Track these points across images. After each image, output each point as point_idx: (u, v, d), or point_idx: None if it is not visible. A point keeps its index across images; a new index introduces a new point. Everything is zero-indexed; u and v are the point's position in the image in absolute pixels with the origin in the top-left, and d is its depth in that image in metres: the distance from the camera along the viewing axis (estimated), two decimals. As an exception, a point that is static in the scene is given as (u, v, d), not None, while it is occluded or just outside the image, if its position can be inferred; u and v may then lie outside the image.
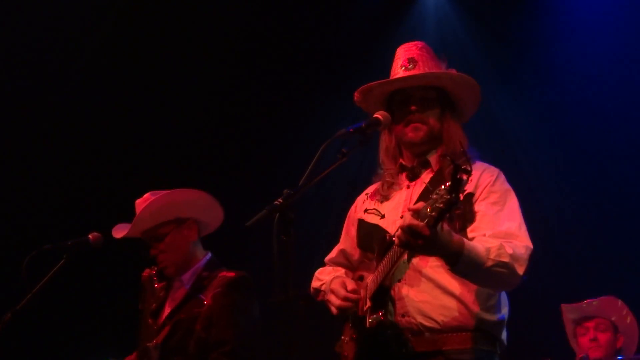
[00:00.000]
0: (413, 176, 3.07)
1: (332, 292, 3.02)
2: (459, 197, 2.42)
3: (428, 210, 2.46)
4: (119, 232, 4.02)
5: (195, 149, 6.56)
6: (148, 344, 3.63)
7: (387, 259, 2.79)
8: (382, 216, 3.06)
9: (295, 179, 2.66)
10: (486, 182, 2.92)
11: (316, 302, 3.61)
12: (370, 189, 3.24)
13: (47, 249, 3.90)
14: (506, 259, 2.67)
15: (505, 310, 2.93)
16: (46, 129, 6.19)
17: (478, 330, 2.83)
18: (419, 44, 3.14)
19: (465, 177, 2.40)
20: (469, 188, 2.85)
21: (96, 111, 6.33)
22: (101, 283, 6.28)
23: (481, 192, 2.90)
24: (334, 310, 3.01)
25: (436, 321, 2.82)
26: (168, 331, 3.78)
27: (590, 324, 4.76)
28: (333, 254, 3.36)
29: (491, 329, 2.87)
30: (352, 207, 3.31)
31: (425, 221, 2.46)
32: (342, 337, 3.03)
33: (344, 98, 6.50)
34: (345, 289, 2.97)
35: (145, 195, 4.00)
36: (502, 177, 2.97)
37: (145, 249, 3.99)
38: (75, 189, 6.42)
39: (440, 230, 2.54)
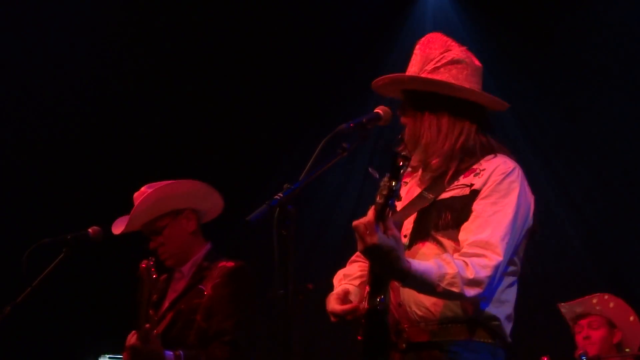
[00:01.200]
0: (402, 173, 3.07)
1: (334, 314, 2.96)
2: (399, 185, 2.53)
3: (377, 198, 2.55)
4: (118, 227, 4.02)
5: (197, 143, 6.56)
6: (147, 326, 3.63)
7: None
8: (399, 199, 3.06)
9: (296, 173, 2.66)
10: (494, 180, 2.87)
11: (316, 297, 3.60)
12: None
13: (46, 243, 3.91)
14: (456, 290, 2.65)
15: (507, 303, 2.88)
16: (45, 122, 6.19)
17: (474, 322, 2.80)
18: (422, 40, 3.08)
19: (402, 163, 2.51)
20: (477, 184, 2.86)
21: (96, 104, 6.33)
22: (101, 277, 6.28)
23: (486, 190, 2.86)
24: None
25: (431, 311, 2.80)
26: (168, 322, 3.80)
27: (584, 322, 4.78)
28: None
29: (488, 322, 2.83)
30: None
31: (377, 209, 2.54)
32: (362, 321, 2.96)
33: (344, 92, 6.54)
34: (341, 302, 2.94)
35: (142, 189, 4.01)
36: (516, 174, 2.89)
37: (145, 241, 4.00)
38: (75, 182, 6.42)
39: (390, 244, 2.55)
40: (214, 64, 6.58)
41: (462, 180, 2.91)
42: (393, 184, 2.51)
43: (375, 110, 2.94)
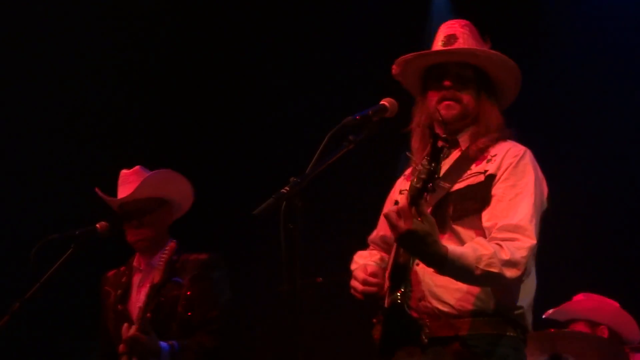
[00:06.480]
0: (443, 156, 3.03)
1: (354, 277, 2.96)
2: (439, 167, 2.47)
3: (414, 181, 2.50)
4: (123, 191, 4.04)
5: (202, 137, 6.55)
6: (148, 315, 3.71)
7: None
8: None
9: (302, 167, 2.65)
10: (508, 163, 2.87)
11: (324, 291, 3.59)
12: (408, 170, 3.18)
13: (54, 239, 3.92)
14: (495, 270, 2.63)
15: (528, 294, 2.86)
16: (51, 119, 6.19)
17: (497, 315, 2.79)
18: (462, 21, 3.09)
19: (442, 145, 2.45)
20: (491, 169, 2.86)
21: (99, 100, 6.33)
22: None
23: (502, 173, 2.85)
24: (357, 295, 2.95)
25: (452, 306, 2.78)
26: (150, 314, 3.80)
27: (572, 327, 4.73)
28: (373, 234, 3.29)
29: (511, 313, 2.81)
30: (392, 190, 3.25)
31: (413, 194, 2.49)
32: (374, 320, 2.96)
33: (350, 85, 6.51)
34: (365, 272, 2.91)
35: (135, 167, 4.06)
36: (528, 156, 2.91)
37: (120, 220, 4.04)
38: (83, 178, 6.42)
39: (425, 228, 2.53)
40: (219, 56, 6.57)
41: (475, 168, 2.90)
42: (433, 166, 2.45)
43: (381, 102, 2.91)
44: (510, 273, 2.65)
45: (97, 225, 4.03)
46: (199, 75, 6.58)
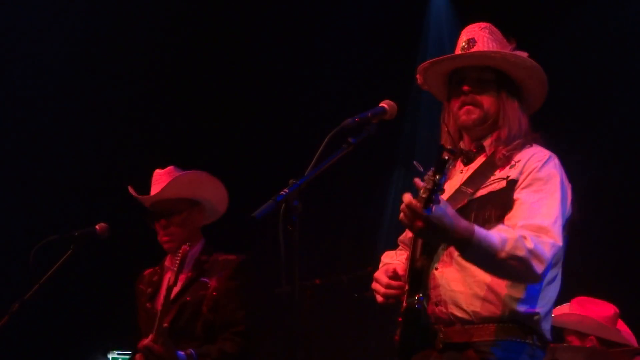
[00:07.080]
0: (467, 160, 2.99)
1: (376, 280, 2.94)
2: (444, 180, 2.43)
3: (421, 192, 2.47)
4: (154, 190, 4.05)
5: (202, 138, 6.56)
6: (165, 325, 3.70)
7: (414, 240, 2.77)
8: (443, 192, 2.98)
9: (301, 169, 2.66)
10: (532, 168, 2.83)
11: (322, 292, 3.58)
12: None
13: (54, 240, 3.93)
14: (521, 253, 2.58)
15: (548, 301, 2.82)
16: (53, 120, 6.20)
17: (511, 322, 2.76)
18: (482, 24, 3.05)
19: (448, 157, 2.41)
20: (513, 174, 2.83)
21: (101, 101, 6.34)
22: (108, 273, 6.30)
23: (525, 179, 2.81)
24: (378, 298, 2.93)
25: (467, 312, 2.77)
26: (175, 313, 3.83)
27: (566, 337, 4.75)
28: (403, 234, 3.26)
29: (526, 320, 2.78)
30: None
31: (420, 204, 2.46)
32: (399, 319, 2.92)
33: (347, 86, 6.52)
34: (388, 276, 2.88)
35: (168, 167, 4.06)
36: (552, 162, 2.87)
37: (150, 219, 4.03)
38: (82, 180, 6.44)
39: (440, 215, 2.49)
40: (220, 59, 6.58)
41: (498, 174, 2.87)
42: (437, 178, 2.42)
43: (381, 105, 2.90)
44: (535, 262, 2.61)
45: (97, 227, 4.04)
46: (198, 78, 6.58)
